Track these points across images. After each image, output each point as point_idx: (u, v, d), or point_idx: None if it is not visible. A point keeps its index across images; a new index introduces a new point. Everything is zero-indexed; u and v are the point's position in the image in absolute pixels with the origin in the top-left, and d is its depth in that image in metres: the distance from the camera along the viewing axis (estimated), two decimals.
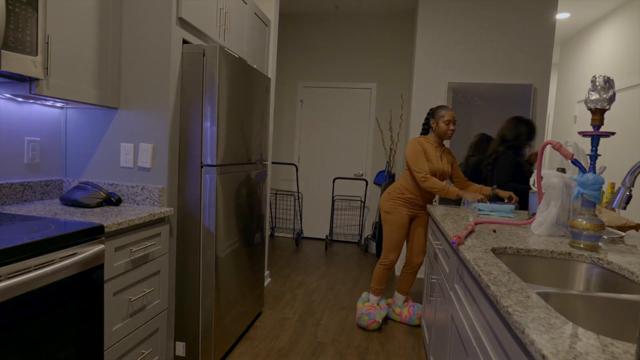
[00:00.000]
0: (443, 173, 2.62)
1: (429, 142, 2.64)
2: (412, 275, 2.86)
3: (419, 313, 2.79)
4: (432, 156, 2.60)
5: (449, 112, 2.57)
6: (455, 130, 2.53)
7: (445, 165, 2.64)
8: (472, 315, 1.21)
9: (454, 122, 2.59)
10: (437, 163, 2.60)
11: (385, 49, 4.88)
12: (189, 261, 2.02)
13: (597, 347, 0.67)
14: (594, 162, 1.43)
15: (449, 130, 2.58)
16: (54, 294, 1.27)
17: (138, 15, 1.89)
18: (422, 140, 2.63)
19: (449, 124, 2.57)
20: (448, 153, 2.73)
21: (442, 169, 2.61)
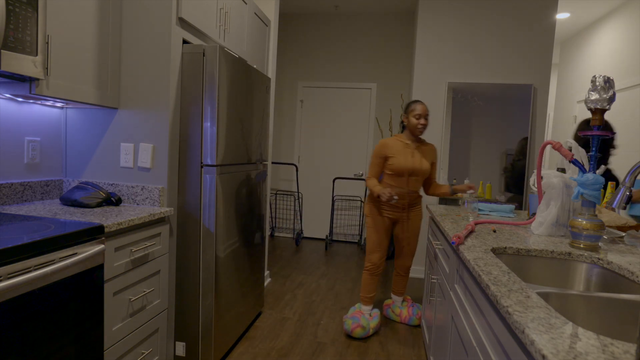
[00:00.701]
0: (415, 170, 2.48)
1: (399, 140, 2.53)
2: (403, 277, 2.82)
3: (418, 313, 2.77)
4: (399, 153, 2.48)
5: (419, 106, 2.47)
6: (428, 124, 2.47)
7: (419, 162, 2.49)
8: (472, 315, 1.21)
9: (425, 117, 2.47)
10: (405, 160, 2.47)
11: (385, 49, 4.88)
12: (189, 261, 2.02)
13: (597, 347, 0.67)
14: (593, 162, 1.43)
15: (419, 124, 2.46)
16: (54, 294, 1.27)
17: (138, 15, 1.89)
18: (389, 140, 2.53)
19: (420, 118, 2.46)
20: (429, 150, 2.59)
21: (413, 166, 2.47)
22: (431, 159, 2.59)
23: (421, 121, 2.46)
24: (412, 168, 2.47)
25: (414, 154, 2.50)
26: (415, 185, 2.54)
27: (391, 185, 2.54)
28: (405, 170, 2.47)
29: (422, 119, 2.46)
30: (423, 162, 2.51)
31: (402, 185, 2.52)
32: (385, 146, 2.51)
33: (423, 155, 2.53)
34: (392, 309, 2.85)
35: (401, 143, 2.52)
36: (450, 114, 3.76)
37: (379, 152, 2.52)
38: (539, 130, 3.69)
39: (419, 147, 2.55)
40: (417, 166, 2.48)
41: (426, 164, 2.52)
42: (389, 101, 4.93)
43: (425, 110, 2.47)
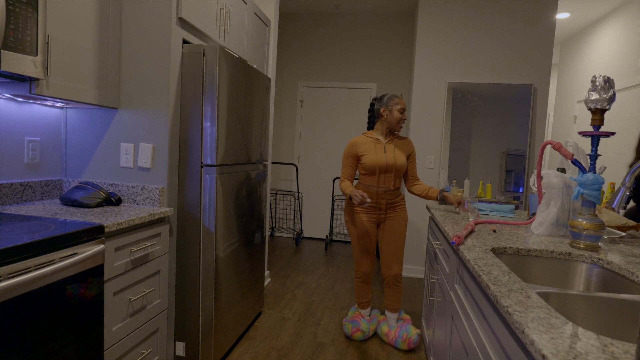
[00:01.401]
0: (387, 166, 2.34)
1: (368, 137, 2.40)
2: (392, 290, 2.50)
3: (404, 336, 2.41)
4: (369, 150, 2.35)
5: (402, 100, 2.36)
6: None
7: (392, 157, 2.35)
8: (472, 315, 1.21)
9: (405, 111, 2.40)
10: (377, 156, 2.33)
11: (385, 49, 4.88)
12: (189, 261, 2.02)
13: (597, 347, 0.67)
14: (594, 162, 1.43)
15: (402, 119, 2.35)
16: (54, 294, 1.27)
17: (138, 15, 1.89)
18: (358, 138, 2.40)
19: (403, 113, 2.35)
20: (404, 145, 2.44)
21: (385, 162, 2.33)
22: (407, 152, 2.44)
23: (404, 116, 2.37)
24: (384, 164, 2.33)
25: (386, 149, 2.37)
26: (390, 182, 2.37)
27: (366, 185, 2.39)
28: (377, 167, 2.33)
29: (404, 113, 2.38)
30: (397, 157, 2.36)
31: (376, 184, 2.37)
32: (355, 144, 2.39)
33: (397, 150, 2.39)
34: (381, 326, 2.57)
35: (371, 140, 2.39)
36: (450, 114, 3.76)
37: (349, 151, 2.39)
38: (539, 130, 3.69)
39: (392, 142, 2.41)
40: (391, 162, 2.34)
41: (401, 158, 2.37)
42: None
43: (405, 104, 2.40)
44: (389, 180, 2.37)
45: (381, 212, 2.43)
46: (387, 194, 2.40)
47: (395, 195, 2.43)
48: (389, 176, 2.36)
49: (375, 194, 2.39)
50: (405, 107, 2.35)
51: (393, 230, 2.44)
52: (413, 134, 3.89)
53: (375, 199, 2.40)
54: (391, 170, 2.35)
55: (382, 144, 2.38)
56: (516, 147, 3.66)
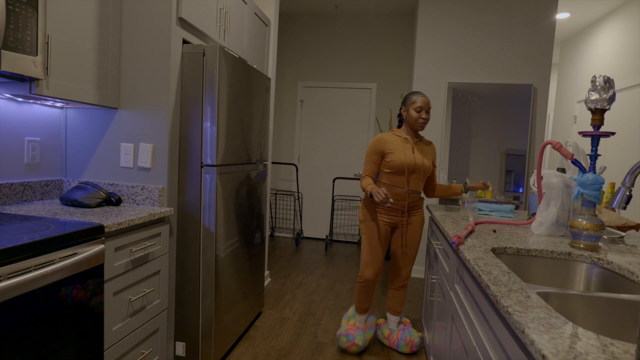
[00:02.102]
0: (416, 166, 2.22)
1: (396, 135, 2.28)
2: (399, 292, 2.46)
3: (407, 338, 2.39)
4: (397, 148, 2.22)
5: (421, 98, 2.21)
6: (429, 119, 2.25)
7: (421, 159, 2.24)
8: (472, 315, 1.21)
9: (427, 110, 2.22)
10: (406, 155, 2.21)
11: (385, 49, 4.88)
12: (189, 261, 2.02)
13: (597, 347, 0.67)
14: (594, 162, 1.43)
15: (420, 118, 2.21)
16: (54, 294, 1.27)
17: (138, 15, 1.89)
18: (386, 135, 2.28)
19: (421, 112, 2.21)
20: (430, 149, 2.35)
21: (414, 162, 2.21)
22: (432, 157, 2.34)
23: (422, 115, 2.21)
24: (413, 164, 2.21)
25: (414, 149, 2.26)
26: (416, 184, 2.25)
27: (389, 185, 2.25)
28: (405, 167, 2.20)
29: (424, 112, 2.21)
30: (425, 160, 2.26)
31: (402, 185, 2.23)
32: (382, 141, 2.25)
33: (424, 153, 2.29)
34: (382, 329, 2.53)
35: (400, 138, 2.27)
36: (450, 114, 3.76)
37: (376, 147, 2.25)
38: (539, 130, 3.69)
39: (419, 144, 2.31)
40: (419, 163, 2.23)
41: (428, 162, 2.27)
42: (389, 101, 4.93)
43: (427, 102, 2.22)
44: (416, 182, 2.26)
45: (403, 215, 2.31)
46: (413, 196, 2.29)
47: (417, 197, 2.33)
48: (416, 177, 2.25)
49: (402, 195, 2.26)
50: (425, 106, 2.21)
51: (412, 234, 2.36)
52: None
53: (399, 200, 2.27)
54: (419, 172, 2.24)
55: (411, 144, 2.27)
56: (516, 147, 3.67)
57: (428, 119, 2.24)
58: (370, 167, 2.27)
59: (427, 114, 2.23)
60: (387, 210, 2.29)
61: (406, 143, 2.26)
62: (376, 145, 2.26)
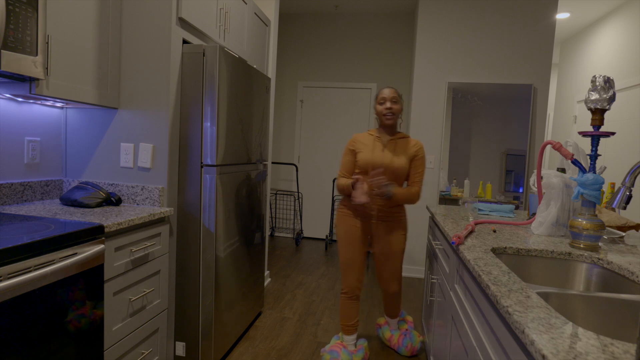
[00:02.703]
0: (382, 166, 2.08)
1: (370, 134, 2.18)
2: (392, 300, 2.36)
3: (408, 345, 2.36)
4: (366, 147, 2.12)
5: (385, 90, 2.10)
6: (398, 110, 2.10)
7: (390, 158, 2.08)
8: (472, 315, 1.21)
9: (392, 100, 2.08)
10: (373, 154, 2.09)
11: (385, 49, 4.88)
12: (189, 261, 2.02)
13: (597, 347, 0.67)
14: (594, 162, 1.43)
15: (384, 109, 2.08)
16: (54, 294, 1.27)
17: (138, 15, 1.89)
18: (360, 134, 2.20)
19: (384, 103, 2.09)
20: (409, 146, 2.14)
21: (380, 161, 2.07)
22: (410, 154, 2.12)
23: (386, 105, 2.08)
24: (379, 164, 2.07)
25: (385, 148, 2.12)
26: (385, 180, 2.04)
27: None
28: (370, 166, 2.08)
29: (388, 102, 2.08)
30: (396, 159, 2.08)
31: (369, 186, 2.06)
32: (354, 141, 2.19)
33: (398, 151, 2.11)
34: (383, 331, 2.51)
35: (371, 137, 2.16)
36: (450, 114, 3.76)
37: (348, 147, 2.19)
38: (539, 130, 3.69)
39: (395, 142, 2.14)
40: (387, 162, 2.07)
41: (400, 160, 2.08)
42: None
43: (391, 93, 2.09)
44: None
45: (372, 220, 2.18)
46: (380, 199, 2.12)
47: (390, 203, 2.14)
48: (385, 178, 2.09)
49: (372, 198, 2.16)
50: (389, 96, 2.08)
51: (387, 244, 2.19)
52: (413, 134, 3.89)
53: (374, 204, 2.15)
54: (385, 172, 2.09)
55: (383, 143, 2.14)
56: (516, 147, 3.67)
57: (396, 109, 2.10)
58: (344, 167, 2.20)
59: (394, 104, 2.09)
60: (357, 213, 2.17)
61: (377, 141, 2.15)
62: (348, 145, 2.20)
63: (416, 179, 2.14)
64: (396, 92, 2.11)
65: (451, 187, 3.76)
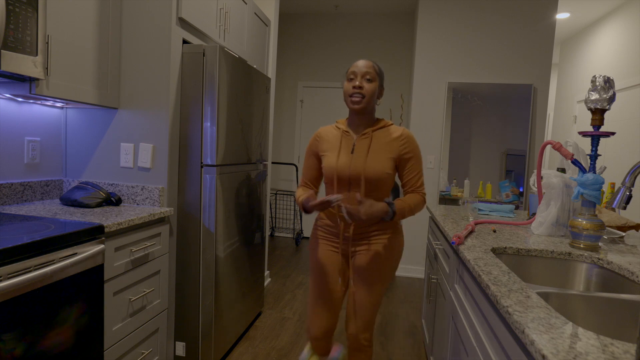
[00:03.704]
0: (352, 174, 1.49)
1: (337, 127, 1.59)
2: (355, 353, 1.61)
3: None
4: (332, 148, 1.55)
5: (358, 62, 1.49)
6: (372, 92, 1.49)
7: (363, 160, 1.48)
8: (472, 315, 1.21)
9: (365, 76, 1.46)
10: (339, 157, 1.51)
11: (385, 49, 4.88)
12: (189, 261, 2.01)
13: (597, 347, 0.67)
14: (594, 162, 1.43)
15: (353, 91, 1.46)
16: (54, 294, 1.27)
17: (138, 15, 1.89)
18: (325, 129, 1.62)
19: (354, 79, 1.47)
20: (392, 140, 1.51)
21: (348, 167, 1.48)
22: (395, 152, 1.50)
23: (355, 83, 1.46)
24: (345, 171, 1.49)
25: (356, 147, 1.51)
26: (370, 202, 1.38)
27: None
28: (334, 174, 1.51)
29: (358, 79, 1.46)
30: (371, 161, 1.47)
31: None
32: (317, 138, 1.61)
33: (375, 150, 1.50)
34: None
35: (339, 131, 1.57)
36: (450, 114, 3.76)
37: (309, 147, 1.63)
38: (539, 130, 3.69)
39: (368, 137, 1.52)
40: (356, 168, 1.48)
41: (377, 163, 1.47)
42: (389, 101, 4.93)
43: (365, 66, 1.47)
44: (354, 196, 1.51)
45: (346, 243, 1.59)
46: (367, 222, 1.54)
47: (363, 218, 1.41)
48: (355, 190, 1.51)
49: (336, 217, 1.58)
50: (361, 70, 1.47)
51: (362, 271, 1.56)
52: (413, 134, 3.89)
53: (336, 223, 1.59)
54: (357, 181, 1.49)
55: (352, 138, 1.53)
56: (516, 147, 3.67)
57: (369, 90, 1.46)
58: (306, 174, 1.66)
59: (368, 82, 1.46)
60: (330, 234, 1.62)
61: (346, 138, 1.54)
62: (310, 144, 1.64)
63: (415, 183, 1.53)
64: (374, 66, 1.48)
65: (451, 187, 3.76)
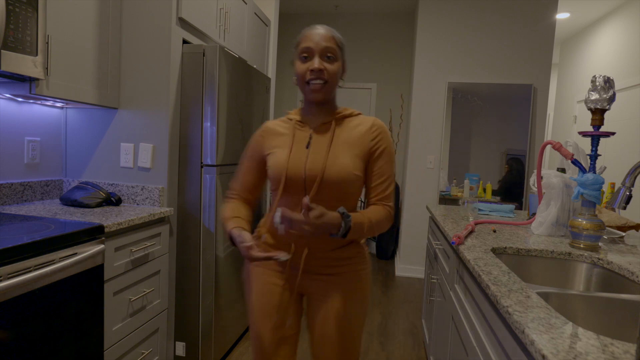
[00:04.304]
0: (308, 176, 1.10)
1: (289, 118, 1.21)
2: None
3: None
4: (281, 142, 1.17)
5: (313, 32, 1.10)
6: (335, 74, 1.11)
7: (319, 158, 1.11)
8: (472, 315, 1.21)
9: (326, 52, 1.09)
10: (293, 155, 1.13)
11: (385, 49, 4.88)
12: (189, 261, 2.01)
13: (597, 347, 0.67)
14: (594, 162, 1.43)
15: (307, 72, 1.10)
16: (54, 294, 1.27)
17: (138, 15, 1.89)
18: (274, 123, 1.23)
19: (309, 58, 1.10)
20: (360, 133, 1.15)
21: (303, 166, 1.11)
22: (366, 148, 1.14)
23: (313, 65, 1.08)
24: (298, 172, 1.11)
25: (314, 140, 1.15)
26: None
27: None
28: (282, 175, 1.12)
29: (316, 60, 1.08)
30: (334, 157, 1.11)
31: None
32: (262, 134, 1.22)
33: (339, 144, 1.14)
34: None
35: (289, 124, 1.20)
36: (450, 114, 3.76)
37: (252, 147, 1.23)
38: (539, 130, 3.69)
39: (327, 128, 1.16)
40: (315, 166, 1.10)
41: (342, 161, 1.11)
42: (389, 101, 4.93)
43: (323, 37, 1.09)
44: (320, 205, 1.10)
45: (298, 272, 1.18)
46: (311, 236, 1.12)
47: (333, 241, 1.15)
48: (318, 197, 1.12)
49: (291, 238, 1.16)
50: (317, 45, 1.09)
51: (328, 312, 1.16)
52: (413, 134, 3.89)
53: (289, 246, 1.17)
54: (314, 183, 1.10)
55: (308, 132, 1.17)
56: (516, 147, 3.67)
57: (331, 72, 1.09)
58: (239, 181, 1.25)
59: (329, 62, 1.09)
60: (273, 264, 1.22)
61: (300, 131, 1.17)
62: (253, 143, 1.23)
63: (383, 192, 1.16)
64: (334, 37, 1.10)
65: (451, 187, 3.76)
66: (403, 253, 4.00)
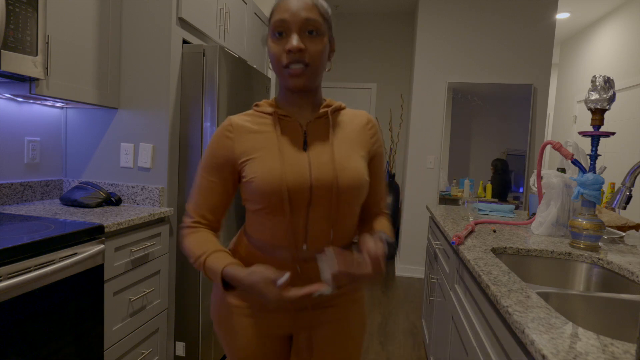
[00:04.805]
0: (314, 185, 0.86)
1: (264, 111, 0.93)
2: None
3: None
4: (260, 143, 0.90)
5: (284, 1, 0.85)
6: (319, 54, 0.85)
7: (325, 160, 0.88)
8: (472, 315, 1.21)
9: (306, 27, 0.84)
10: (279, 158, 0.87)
11: (385, 49, 4.88)
12: (189, 261, 2.01)
13: (597, 347, 0.67)
14: (594, 162, 1.43)
15: (284, 55, 0.84)
16: (54, 294, 1.27)
17: (138, 15, 1.89)
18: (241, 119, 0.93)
19: (285, 35, 0.85)
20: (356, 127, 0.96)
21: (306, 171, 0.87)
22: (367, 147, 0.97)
23: (291, 44, 0.82)
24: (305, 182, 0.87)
25: (310, 136, 0.92)
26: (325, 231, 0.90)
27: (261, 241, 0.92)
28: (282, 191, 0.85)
29: (294, 37, 0.84)
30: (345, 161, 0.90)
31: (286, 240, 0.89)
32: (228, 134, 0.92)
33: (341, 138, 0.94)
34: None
35: (266, 119, 0.93)
36: (450, 114, 3.76)
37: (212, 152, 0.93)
38: (539, 130, 3.69)
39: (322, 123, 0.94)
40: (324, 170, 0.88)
41: (355, 163, 0.91)
42: (389, 101, 4.93)
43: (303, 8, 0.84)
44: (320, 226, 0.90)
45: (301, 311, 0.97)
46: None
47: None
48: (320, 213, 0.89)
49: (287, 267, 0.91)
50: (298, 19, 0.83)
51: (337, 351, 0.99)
52: (413, 134, 3.89)
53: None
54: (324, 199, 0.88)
55: (300, 128, 0.92)
56: (516, 147, 3.67)
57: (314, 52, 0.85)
58: (201, 202, 0.94)
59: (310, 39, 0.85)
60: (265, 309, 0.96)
61: (288, 125, 0.92)
62: (214, 146, 0.93)
63: (383, 199, 1.05)
64: (316, 4, 0.87)
65: (451, 187, 3.76)
66: (403, 253, 4.00)
